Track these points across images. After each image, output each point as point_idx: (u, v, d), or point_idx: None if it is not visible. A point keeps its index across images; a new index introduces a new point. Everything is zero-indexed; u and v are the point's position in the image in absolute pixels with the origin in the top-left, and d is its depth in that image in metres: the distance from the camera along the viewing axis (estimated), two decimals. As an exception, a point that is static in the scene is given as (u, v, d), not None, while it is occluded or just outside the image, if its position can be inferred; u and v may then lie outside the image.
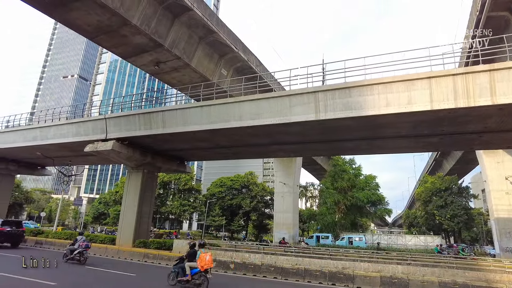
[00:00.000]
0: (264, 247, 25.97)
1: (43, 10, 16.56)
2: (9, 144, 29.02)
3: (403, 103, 13.80)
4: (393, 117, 14.51)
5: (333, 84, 15.50)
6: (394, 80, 14.04)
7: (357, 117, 14.83)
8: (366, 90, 14.55)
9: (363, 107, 14.55)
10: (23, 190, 64.31)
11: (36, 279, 11.57)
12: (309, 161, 45.19)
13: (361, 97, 14.63)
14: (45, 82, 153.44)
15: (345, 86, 14.99)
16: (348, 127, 16.54)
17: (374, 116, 14.57)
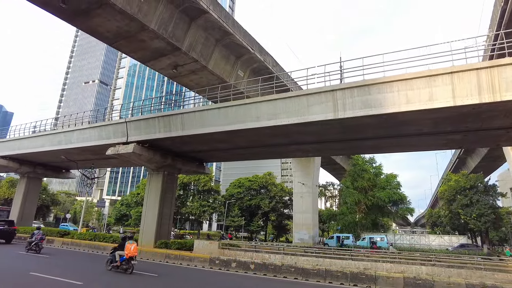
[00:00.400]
0: (284, 247, 25.87)
1: (66, 19, 17.10)
2: (36, 149, 30.17)
3: (424, 100, 13.46)
4: (414, 114, 14.18)
5: (352, 82, 15.30)
6: (414, 76, 13.71)
7: (376, 115, 14.57)
8: (386, 88, 14.28)
9: (382, 105, 14.29)
10: (49, 193, 66.58)
11: (63, 278, 11.97)
12: (328, 160, 44.73)
13: (381, 95, 14.37)
14: (68, 88, 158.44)
15: (363, 83, 14.76)
16: (367, 125, 16.28)
17: (394, 114, 14.28)
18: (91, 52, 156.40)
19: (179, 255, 19.72)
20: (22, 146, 31.54)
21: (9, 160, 33.68)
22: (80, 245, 24.69)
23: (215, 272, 16.70)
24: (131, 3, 15.99)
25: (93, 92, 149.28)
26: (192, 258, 19.02)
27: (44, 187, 59.80)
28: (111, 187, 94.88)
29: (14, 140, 32.62)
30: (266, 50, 24.81)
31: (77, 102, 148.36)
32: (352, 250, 24.55)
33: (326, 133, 18.13)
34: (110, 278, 13.07)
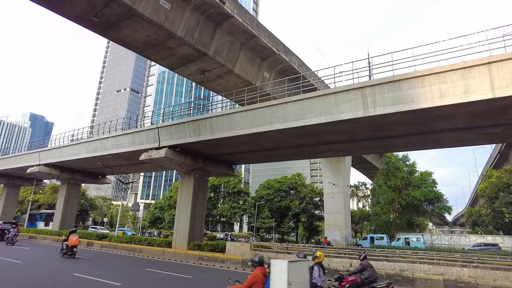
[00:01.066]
0: (316, 249, 25.54)
1: (98, 32, 17.92)
2: (74, 156, 31.77)
3: (459, 93, 12.85)
4: (448, 108, 13.58)
5: (381, 78, 14.89)
6: (448, 69, 13.13)
7: (408, 111, 14.10)
8: (417, 82, 13.79)
9: (414, 100, 13.80)
10: (87, 198, 69.91)
11: (103, 279, 12.51)
12: (359, 159, 43.73)
13: (412, 90, 13.88)
14: (101, 97, 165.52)
15: (394, 79, 14.33)
16: (399, 122, 15.78)
17: (427, 109, 13.75)
18: (121, 61, 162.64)
19: (212, 256, 20.01)
20: (62, 154, 33.32)
21: (51, 167, 35.67)
22: (117, 247, 25.65)
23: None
24: (158, 12, 16.50)
25: (125, 100, 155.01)
26: (224, 260, 19.24)
27: (83, 192, 62.82)
28: (145, 191, 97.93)
29: (54, 148, 34.53)
30: (291, 50, 24.71)
31: (110, 110, 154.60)
32: (387, 251, 23.83)
33: (356, 131, 17.76)
34: (148, 280, 13.49)
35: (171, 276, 14.78)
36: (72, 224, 38.38)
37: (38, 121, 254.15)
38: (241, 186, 58.99)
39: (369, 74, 17.35)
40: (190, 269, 17.64)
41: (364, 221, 50.62)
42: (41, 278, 12.79)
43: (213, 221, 59.71)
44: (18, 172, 42.27)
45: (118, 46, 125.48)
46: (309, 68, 26.76)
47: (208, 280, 14.66)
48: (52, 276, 13.31)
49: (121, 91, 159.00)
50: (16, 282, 11.64)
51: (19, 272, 13.84)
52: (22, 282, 11.69)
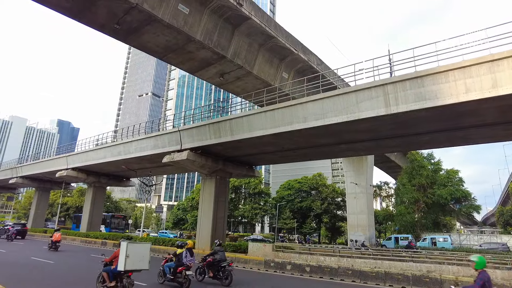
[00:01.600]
0: (340, 249, 25.21)
1: (120, 38, 18.45)
2: (99, 160, 32.78)
3: (487, 88, 12.39)
4: (475, 104, 13.11)
5: (403, 75, 14.57)
6: (474, 63, 12.68)
7: (432, 108, 13.72)
8: (441, 78, 13.40)
9: (438, 97, 13.42)
10: (113, 200, 71.92)
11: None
12: (381, 158, 42.84)
13: (435, 86, 13.50)
14: (124, 102, 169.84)
15: (416, 75, 13.99)
16: (422, 119, 15.38)
17: (451, 105, 13.34)
18: (142, 66, 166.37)
19: (234, 257, 20.10)
20: (88, 158, 34.46)
21: (78, 171, 36.95)
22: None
23: (271, 274, 16.78)
24: (177, 17, 16.80)
25: (147, 104, 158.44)
26: (247, 261, 19.30)
27: (108, 195, 64.70)
28: (168, 193, 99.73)
29: (81, 153, 35.76)
30: (309, 49, 24.56)
31: (133, 114, 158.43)
32: (413, 251, 23.23)
33: (378, 129, 17.44)
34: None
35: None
36: (98, 225, 39.63)
37: (65, 126, 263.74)
38: (261, 187, 59.03)
39: (390, 71, 17.02)
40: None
41: (388, 221, 49.51)
42: (72, 277, 13.25)
43: (235, 222, 60.00)
44: (48, 176, 44.04)
45: (139, 52, 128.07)
46: (328, 67, 26.49)
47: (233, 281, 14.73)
48: (86, 275, 13.78)
49: (143, 95, 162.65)
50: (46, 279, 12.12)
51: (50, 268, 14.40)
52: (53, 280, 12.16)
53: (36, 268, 15.28)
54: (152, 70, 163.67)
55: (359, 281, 14.87)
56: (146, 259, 10.00)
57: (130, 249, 9.54)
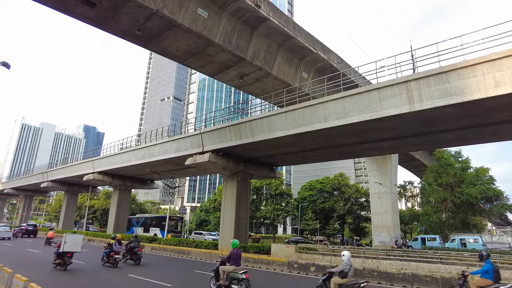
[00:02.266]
0: (364, 251, 24.75)
1: (141, 44, 18.92)
2: (124, 163, 33.67)
3: (518, 81, 11.84)
4: (505, 98, 12.57)
5: (427, 71, 14.15)
6: (504, 55, 12.14)
7: (458, 104, 13.26)
8: (467, 72, 12.93)
9: (465, 92, 12.95)
10: (137, 203, 73.60)
11: (155, 280, 13.11)
12: (406, 157, 41.78)
13: (461, 81, 13.04)
14: (147, 106, 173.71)
15: (440, 71, 13.57)
16: (448, 115, 14.89)
17: (479, 100, 12.84)
18: (164, 71, 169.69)
19: (257, 258, 20.14)
20: (113, 162, 35.47)
21: (104, 174, 38.10)
22: (167, 250, 26.68)
23: (295, 276, 16.69)
24: (196, 22, 17.05)
25: (169, 108, 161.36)
26: (270, 262, 19.28)
27: (133, 197, 66.28)
28: (191, 195, 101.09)
29: (106, 157, 36.85)
30: (329, 48, 24.30)
31: (155, 118, 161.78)
32: (441, 253, 22.47)
33: (402, 128, 17.03)
34: (197, 281, 13.91)
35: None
36: (124, 228, 40.67)
37: (91, 131, 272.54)
38: (283, 187, 58.79)
39: (413, 68, 16.59)
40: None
41: (413, 222, 48.14)
42: (99, 278, 13.68)
43: (257, 223, 60.03)
44: (76, 180, 45.67)
45: (160, 57, 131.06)
46: (349, 65, 26.12)
47: (254, 282, 14.76)
48: (108, 277, 14.19)
49: (164, 100, 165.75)
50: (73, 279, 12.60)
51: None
52: (75, 281, 12.62)
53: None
54: (173, 75, 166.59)
55: (385, 283, 14.54)
56: (79, 245, 15.15)
57: (68, 238, 14.73)
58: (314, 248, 25.83)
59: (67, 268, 14.80)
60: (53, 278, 12.99)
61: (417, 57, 15.94)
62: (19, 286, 7.05)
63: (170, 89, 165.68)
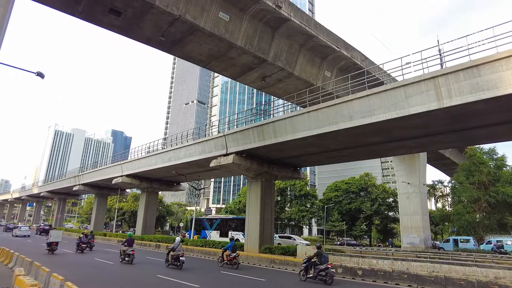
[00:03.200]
0: (393, 252, 24.13)
1: (165, 50, 19.35)
2: (151, 166, 34.50)
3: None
4: (544, 91, 11.87)
5: (455, 65, 13.62)
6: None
7: (491, 99, 12.65)
8: (501, 65, 12.32)
9: (498, 86, 12.34)
10: (164, 205, 75.17)
11: (182, 281, 13.32)
12: (435, 155, 40.34)
13: (494, 74, 12.44)
14: (172, 110, 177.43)
15: (471, 65, 13.00)
16: (480, 111, 14.25)
17: (515, 94, 12.19)
18: (187, 75, 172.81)
19: (283, 260, 20.05)
20: (141, 165, 36.42)
21: (132, 177, 39.18)
22: (193, 251, 27.06)
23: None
24: (218, 25, 17.25)
25: (193, 112, 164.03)
26: (296, 263, 19.12)
27: (160, 199, 67.72)
28: (216, 196, 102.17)
29: (134, 160, 37.90)
30: (352, 46, 23.90)
31: (180, 122, 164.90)
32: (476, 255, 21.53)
33: (430, 125, 16.46)
34: (224, 282, 14.02)
35: (245, 278, 15.16)
36: (152, 229, 41.63)
37: (118, 136, 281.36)
38: (307, 188, 58.32)
39: (440, 63, 16.01)
40: (263, 272, 17.90)
41: (444, 222, 46.36)
42: (127, 279, 14.07)
43: (282, 224, 59.83)
44: (105, 183, 47.25)
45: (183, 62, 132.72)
46: (373, 62, 25.57)
47: (281, 283, 14.71)
48: (137, 277, 14.57)
49: (188, 103, 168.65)
50: (110, 281, 13.01)
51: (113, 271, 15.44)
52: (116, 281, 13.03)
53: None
54: (196, 79, 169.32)
55: (415, 285, 14.09)
56: (60, 237, 23.36)
57: (53, 233, 23.51)
58: (341, 250, 25.44)
59: (54, 252, 22.61)
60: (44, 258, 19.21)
61: (444, 52, 15.37)
62: (56, 284, 7.37)
63: (194, 93, 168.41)
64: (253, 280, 14.83)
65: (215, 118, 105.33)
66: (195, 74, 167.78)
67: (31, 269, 10.82)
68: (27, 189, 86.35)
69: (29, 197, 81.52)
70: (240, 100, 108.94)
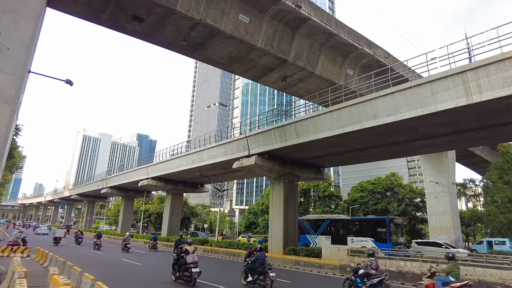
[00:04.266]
0: (422, 254, 23.31)
1: (187, 54, 19.69)
2: (176, 169, 35.14)
3: None
4: None
5: (485, 59, 13.04)
6: None
7: (526, 92, 12.02)
8: (535, 57, 11.69)
9: (533, 79, 11.71)
10: (189, 206, 76.23)
11: (209, 282, 13.43)
12: (464, 153, 38.75)
13: (529, 67, 11.82)
14: (194, 113, 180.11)
15: (503, 57, 12.41)
16: (514, 106, 13.56)
17: (552, 87, 11.53)
18: (208, 79, 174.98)
19: (308, 262, 19.87)
20: (165, 167, 37.16)
21: (157, 180, 40.05)
22: (218, 252, 27.31)
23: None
24: (238, 28, 17.35)
25: (215, 114, 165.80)
26: (321, 265, 18.91)
27: (185, 201, 68.72)
28: (239, 198, 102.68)
29: (159, 163, 38.73)
30: (374, 43, 23.40)
31: (202, 124, 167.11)
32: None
33: (459, 122, 15.85)
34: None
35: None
36: (177, 230, 42.34)
37: (144, 140, 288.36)
38: (331, 189, 57.48)
39: (469, 57, 15.38)
40: (287, 273, 17.79)
41: (476, 223, 44.38)
42: (156, 278, 14.34)
43: (306, 226, 59.24)
44: (131, 186, 48.55)
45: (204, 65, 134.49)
46: (397, 59, 24.92)
47: (306, 285, 14.56)
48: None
49: (211, 106, 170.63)
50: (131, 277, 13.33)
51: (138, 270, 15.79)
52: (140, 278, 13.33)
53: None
54: (217, 82, 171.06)
55: (447, 289, 13.54)
56: (62, 234, 33.23)
57: (57, 230, 33.41)
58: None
59: (58, 245, 29.38)
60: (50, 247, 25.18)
61: (473, 45, 14.75)
62: (88, 283, 7.62)
63: (216, 95, 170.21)
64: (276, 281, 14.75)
65: (236, 120, 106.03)
66: (216, 77, 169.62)
67: (64, 268, 11.25)
68: (58, 192, 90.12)
69: (61, 200, 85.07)
70: (261, 101, 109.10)
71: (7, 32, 11.60)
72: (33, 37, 12.42)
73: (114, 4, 15.19)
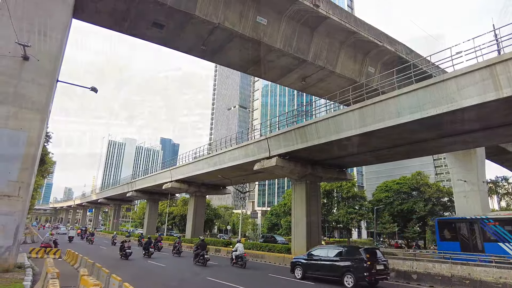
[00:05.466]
0: (451, 255, 22.48)
1: (207, 58, 19.99)
2: (198, 171, 35.60)
3: None
4: None
5: (515, 51, 12.47)
6: None
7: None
8: None
9: None
10: (212, 208, 77.01)
11: (231, 283, 13.53)
12: (494, 150, 37.09)
13: None
14: (215, 116, 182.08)
15: (533, 49, 11.83)
16: (548, 99, 12.88)
17: None
18: (228, 81, 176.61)
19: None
20: (188, 170, 37.72)
21: (181, 182, 40.70)
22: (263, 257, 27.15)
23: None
24: (256, 30, 17.43)
25: (235, 116, 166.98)
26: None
27: (208, 203, 69.49)
28: (261, 199, 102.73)
29: (182, 166, 39.35)
30: (395, 39, 22.89)
31: (223, 127, 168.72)
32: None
33: (488, 117, 15.21)
34: (271, 285, 14.02)
35: (292, 282, 15.04)
36: (201, 232, 42.84)
37: (167, 143, 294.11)
38: (355, 190, 56.50)
39: (498, 49, 14.74)
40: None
41: (511, 223, 42.36)
42: (179, 281, 14.57)
43: (329, 227, 58.53)
44: (156, 189, 49.54)
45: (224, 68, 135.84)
46: (419, 55, 24.26)
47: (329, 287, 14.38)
48: (189, 280, 15.04)
49: (231, 109, 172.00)
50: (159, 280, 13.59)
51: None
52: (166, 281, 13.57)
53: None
54: (237, 84, 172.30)
55: (480, 292, 13.03)
56: (73, 233, 41.77)
57: (70, 231, 42.40)
58: (393, 253, 24.31)
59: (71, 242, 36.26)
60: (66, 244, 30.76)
61: (502, 37, 14.13)
62: (115, 285, 7.85)
63: (236, 98, 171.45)
64: (300, 283, 14.66)
65: (257, 122, 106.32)
66: (236, 80, 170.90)
67: (93, 270, 11.62)
68: (86, 196, 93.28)
69: (89, 204, 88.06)
70: (281, 102, 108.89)
71: (37, 44, 12.18)
72: (61, 47, 12.96)
73: (135, 12, 15.63)
